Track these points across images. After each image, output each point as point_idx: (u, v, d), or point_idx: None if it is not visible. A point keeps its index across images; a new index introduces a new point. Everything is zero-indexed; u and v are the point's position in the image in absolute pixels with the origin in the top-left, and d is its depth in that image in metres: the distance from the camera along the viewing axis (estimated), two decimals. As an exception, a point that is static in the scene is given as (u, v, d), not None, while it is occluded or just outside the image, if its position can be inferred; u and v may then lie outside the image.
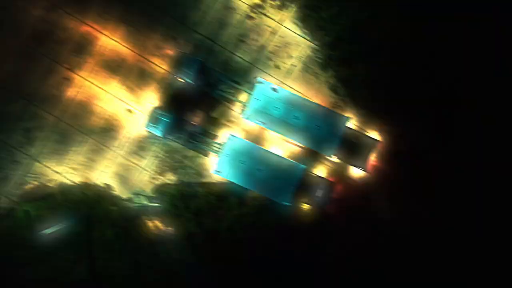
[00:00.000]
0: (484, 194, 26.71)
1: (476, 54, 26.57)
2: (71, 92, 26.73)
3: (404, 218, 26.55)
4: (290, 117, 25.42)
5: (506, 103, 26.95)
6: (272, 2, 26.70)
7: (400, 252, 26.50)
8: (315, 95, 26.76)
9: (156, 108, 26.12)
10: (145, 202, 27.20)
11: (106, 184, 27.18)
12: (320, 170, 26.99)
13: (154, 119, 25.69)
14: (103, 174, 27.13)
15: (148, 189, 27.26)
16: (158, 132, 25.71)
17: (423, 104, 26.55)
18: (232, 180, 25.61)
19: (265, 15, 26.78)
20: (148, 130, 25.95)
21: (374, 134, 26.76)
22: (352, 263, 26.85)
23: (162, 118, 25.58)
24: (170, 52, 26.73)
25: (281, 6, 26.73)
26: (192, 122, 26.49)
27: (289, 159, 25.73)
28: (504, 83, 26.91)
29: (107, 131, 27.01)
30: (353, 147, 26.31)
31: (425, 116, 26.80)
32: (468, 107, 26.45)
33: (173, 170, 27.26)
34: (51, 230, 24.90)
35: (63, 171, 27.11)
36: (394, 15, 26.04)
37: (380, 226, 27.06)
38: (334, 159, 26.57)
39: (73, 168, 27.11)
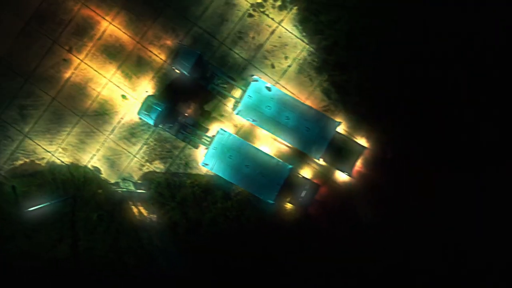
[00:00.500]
0: (470, 203, 26.91)
1: (471, 63, 26.69)
2: (68, 74, 26.72)
3: (386, 224, 26.79)
4: (281, 116, 25.48)
5: (495, 113, 27.19)
6: (273, 2, 26.72)
7: (380, 256, 26.74)
8: (307, 97, 26.85)
9: (150, 96, 26.11)
10: (132, 188, 27.27)
11: (94, 167, 27.22)
12: (306, 172, 27.09)
13: (147, 107, 25.67)
14: (93, 157, 27.22)
15: (136, 175, 27.32)
16: (150, 120, 25.70)
17: (412, 113, 26.68)
18: (218, 174, 25.62)
19: (265, 14, 26.84)
20: (140, 117, 26.03)
21: (362, 140, 26.94)
22: (330, 262, 26.90)
23: (155, 107, 25.56)
24: (169, 42, 26.75)
25: (282, 7, 26.77)
26: (185, 114, 26.56)
27: (277, 158, 25.81)
28: (495, 91, 27.09)
29: (100, 115, 27.04)
30: (340, 152, 26.39)
31: (413, 125, 26.94)
32: (459, 118, 26.79)
33: (162, 159, 27.34)
34: (36, 207, 25.00)
35: (54, 151, 27.14)
36: (391, 24, 26.29)
37: (360, 230, 27.30)
38: (321, 161, 26.72)
39: (64, 149, 27.15)
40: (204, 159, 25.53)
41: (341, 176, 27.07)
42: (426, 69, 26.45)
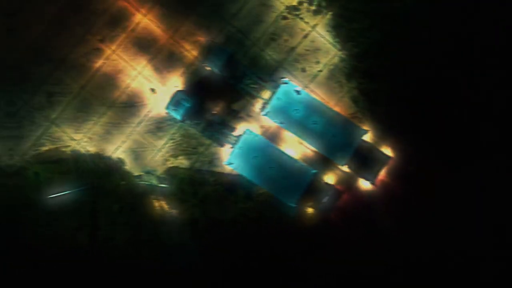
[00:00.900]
0: (488, 221, 26.58)
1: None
2: (99, 64, 26.47)
3: (406, 237, 26.51)
4: (308, 121, 25.22)
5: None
6: (308, 6, 26.54)
7: (398, 269, 26.51)
8: (336, 104, 26.57)
9: (179, 91, 25.78)
10: (154, 181, 27.00)
11: (119, 158, 26.93)
12: (330, 177, 26.79)
13: (175, 102, 25.46)
14: (118, 148, 26.99)
15: (159, 169, 27.00)
16: (177, 116, 25.50)
17: (440, 128, 26.45)
18: (242, 174, 25.41)
19: (299, 17, 26.61)
20: (168, 112, 25.78)
21: (387, 150, 26.63)
22: (347, 271, 26.66)
23: (184, 103, 25.36)
24: (201, 39, 26.51)
25: (317, 12, 26.57)
26: (212, 111, 26.37)
27: (301, 162, 25.58)
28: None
29: (128, 107, 26.79)
30: (365, 160, 26.07)
31: (440, 140, 26.70)
32: (487, 140, 26.54)
33: (187, 155, 27.06)
34: (58, 194, 24.81)
35: (79, 139, 26.82)
36: (425, 36, 26.11)
37: (380, 240, 27.09)
38: (345, 168, 26.44)
39: (90, 138, 26.84)
40: (229, 158, 25.29)
41: (364, 184, 26.83)
42: (458, 89, 26.29)
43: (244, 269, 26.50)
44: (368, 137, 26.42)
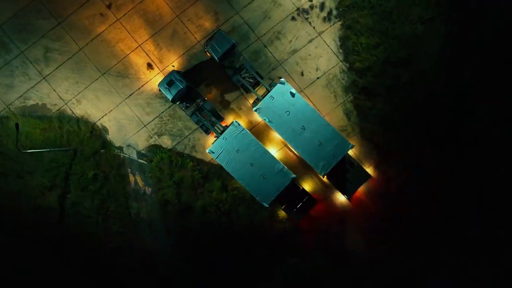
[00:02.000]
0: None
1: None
2: (101, 29, 25.45)
3: (371, 257, 25.79)
4: (297, 125, 24.13)
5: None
6: (318, 12, 25.58)
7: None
8: (327, 113, 25.68)
9: (175, 71, 24.67)
10: (134, 156, 26.03)
11: (103, 126, 26.00)
12: (307, 184, 25.95)
13: (169, 82, 24.26)
14: (104, 116, 25.97)
15: (141, 145, 26.08)
16: (169, 95, 24.31)
17: (425, 158, 25.51)
18: (222, 164, 24.32)
19: (308, 21, 25.62)
20: (160, 89, 24.67)
21: (369, 168, 25.87)
22: (307, 277, 25.88)
23: (177, 83, 24.18)
24: (207, 24, 25.52)
25: (326, 19, 25.60)
26: (204, 97, 25.28)
27: (283, 164, 24.51)
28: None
29: (121, 77, 25.73)
30: (345, 174, 25.37)
31: (421, 168, 25.79)
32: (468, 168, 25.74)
33: (171, 135, 26.09)
34: (35, 150, 23.84)
35: (68, 100, 25.86)
36: (428, 62, 25.18)
37: (344, 255, 26.23)
38: (324, 179, 25.69)
39: (78, 101, 25.85)
40: (212, 147, 24.11)
41: (340, 198, 26.04)
42: (451, 121, 25.36)
43: (206, 258, 25.63)
44: (353, 152, 25.85)
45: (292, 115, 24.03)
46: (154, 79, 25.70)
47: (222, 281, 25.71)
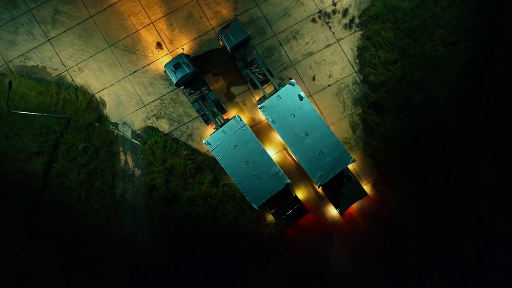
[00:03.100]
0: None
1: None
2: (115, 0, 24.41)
3: (351, 277, 24.31)
4: (301, 130, 22.54)
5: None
6: (340, 18, 24.06)
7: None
8: (333, 123, 24.11)
9: (184, 55, 23.03)
10: (128, 135, 24.42)
11: (102, 99, 24.39)
12: (301, 192, 24.38)
13: (176, 64, 22.52)
14: (104, 89, 24.39)
15: (137, 125, 24.43)
16: (174, 78, 22.54)
17: (425, 186, 23.95)
18: (217, 158, 22.67)
19: (328, 25, 24.14)
20: (166, 71, 22.96)
21: (366, 186, 24.41)
22: (282, 285, 24.27)
23: (184, 67, 22.42)
24: (224, 12, 23.92)
25: (347, 26, 24.06)
26: (210, 86, 23.74)
27: (279, 167, 23.04)
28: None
29: (128, 52, 24.11)
30: (341, 188, 23.94)
31: (418, 195, 24.25)
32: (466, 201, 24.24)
33: (170, 120, 24.45)
34: (26, 112, 22.29)
35: (70, 67, 24.21)
36: (443, 87, 23.62)
37: (324, 271, 24.68)
38: (319, 189, 24.36)
39: (80, 69, 24.24)
40: (209, 138, 22.47)
41: (331, 211, 24.54)
42: (454, 154, 23.80)
43: (181, 250, 24.11)
44: (352, 167, 24.42)
45: (297, 118, 22.48)
46: (161, 59, 24.07)
47: (194, 276, 24.17)
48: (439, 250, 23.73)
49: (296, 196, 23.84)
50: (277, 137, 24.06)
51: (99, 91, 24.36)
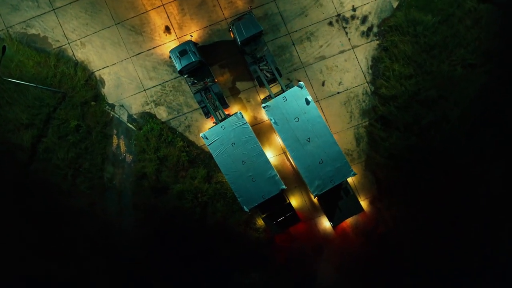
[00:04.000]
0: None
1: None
2: (128, -24, 22.69)
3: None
4: (303, 135, 20.92)
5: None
6: (358, 25, 22.59)
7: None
8: (337, 132, 22.64)
9: (191, 42, 21.60)
10: (124, 118, 22.96)
11: (101, 78, 22.91)
12: (295, 200, 22.92)
13: (182, 50, 21.11)
14: (105, 68, 22.88)
15: (135, 109, 22.96)
16: (178, 65, 21.11)
17: (424, 207, 22.49)
18: (212, 154, 21.14)
19: (345, 31, 22.76)
20: (171, 57, 21.50)
21: (363, 202, 23.01)
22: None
23: (191, 55, 20.99)
24: (239, 3, 22.48)
25: (364, 34, 22.63)
26: (214, 78, 22.30)
27: (276, 171, 21.36)
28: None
29: (135, 33, 22.61)
30: (337, 201, 22.56)
31: (417, 217, 22.74)
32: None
33: (169, 108, 22.97)
34: (18, 81, 20.68)
35: (72, 40, 22.77)
36: (456, 110, 22.14)
37: (308, 284, 23.22)
38: (315, 199, 22.93)
39: (83, 44, 22.74)
40: (207, 132, 20.92)
41: (324, 223, 23.10)
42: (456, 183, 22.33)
43: (164, 244, 22.74)
44: (352, 180, 22.98)
45: (300, 123, 21.02)
46: (168, 44, 22.58)
47: (173, 272, 22.82)
48: (433, 276, 22.44)
49: (289, 203, 22.31)
50: (277, 139, 22.61)
51: (99, 69, 22.90)
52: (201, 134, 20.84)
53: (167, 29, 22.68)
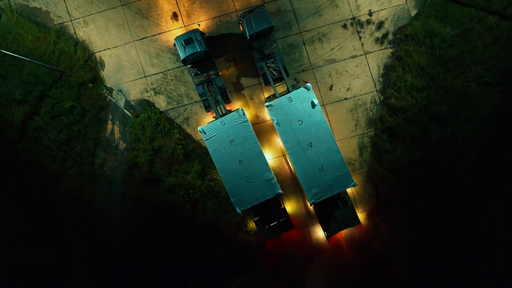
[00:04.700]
0: None
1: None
2: (139, -43, 21.55)
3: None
4: (305, 139, 19.58)
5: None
6: (373, 30, 21.36)
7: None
8: (341, 139, 21.42)
9: (198, 31, 20.34)
10: (121, 104, 21.75)
11: (101, 59, 21.71)
12: (290, 206, 21.71)
13: (188, 39, 19.88)
14: (107, 50, 21.71)
15: (133, 95, 21.76)
16: (182, 54, 19.90)
17: (424, 226, 21.25)
18: (209, 149, 19.92)
19: (359, 35, 21.56)
20: (175, 44, 20.23)
21: (361, 214, 21.77)
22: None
23: (196, 44, 19.75)
24: (252, -4, 21.63)
25: (378, 41, 21.49)
26: (219, 72, 21.14)
27: (273, 174, 20.02)
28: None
29: (141, 16, 21.40)
30: (334, 210, 21.39)
31: (415, 235, 21.40)
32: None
33: (169, 98, 21.76)
34: (13, 54, 19.54)
35: (75, 18, 21.55)
36: (467, 128, 20.96)
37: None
38: (311, 207, 21.78)
39: (85, 22, 21.55)
40: (205, 126, 19.70)
41: (318, 232, 21.92)
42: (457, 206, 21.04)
43: (150, 237, 21.57)
44: (351, 191, 21.84)
45: (304, 126, 19.71)
46: (174, 32, 21.33)
47: (157, 269, 21.69)
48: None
49: (284, 208, 21.04)
50: (278, 141, 21.43)
51: (100, 51, 21.68)
52: (199, 128, 19.63)
53: (175, 16, 21.49)
